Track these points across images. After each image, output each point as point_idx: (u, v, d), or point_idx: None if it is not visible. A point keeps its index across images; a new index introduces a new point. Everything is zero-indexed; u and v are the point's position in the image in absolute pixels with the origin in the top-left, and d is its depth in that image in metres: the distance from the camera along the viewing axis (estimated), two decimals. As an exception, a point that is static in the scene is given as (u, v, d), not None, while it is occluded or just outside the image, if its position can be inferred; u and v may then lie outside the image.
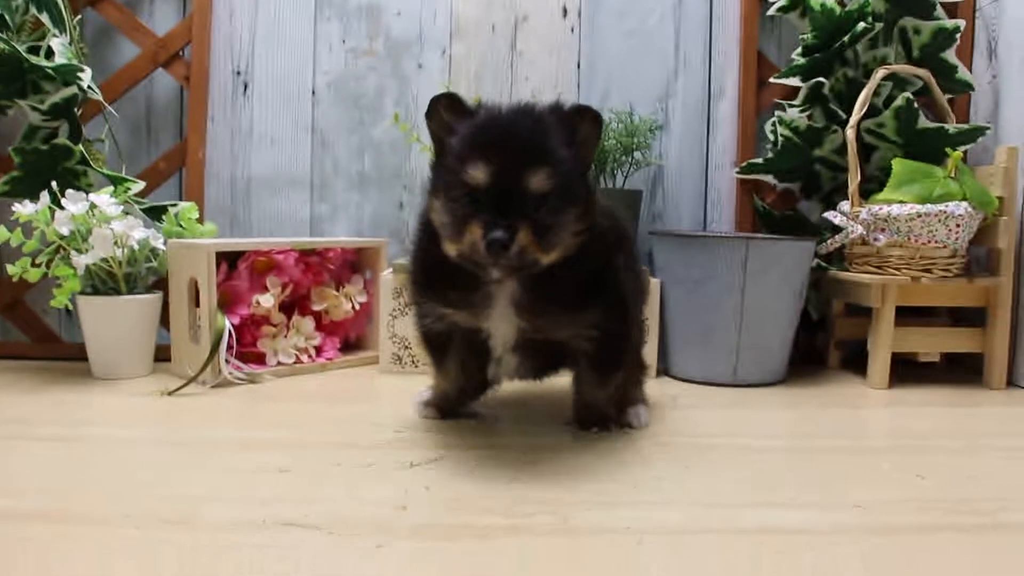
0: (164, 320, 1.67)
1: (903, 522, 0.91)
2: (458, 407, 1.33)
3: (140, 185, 1.68)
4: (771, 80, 1.88)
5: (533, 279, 1.07)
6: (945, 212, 1.59)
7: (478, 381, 1.31)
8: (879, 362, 1.64)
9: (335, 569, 0.76)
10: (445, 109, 1.07)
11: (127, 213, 1.59)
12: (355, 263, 1.85)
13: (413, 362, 1.69)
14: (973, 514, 0.94)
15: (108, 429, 1.27)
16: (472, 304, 1.13)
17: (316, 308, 1.74)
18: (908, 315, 1.69)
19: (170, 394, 1.45)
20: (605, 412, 1.26)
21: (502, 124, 1.04)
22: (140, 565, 0.76)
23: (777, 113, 1.85)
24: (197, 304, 1.58)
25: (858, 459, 1.18)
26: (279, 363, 1.66)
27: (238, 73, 1.90)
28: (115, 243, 1.53)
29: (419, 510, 0.91)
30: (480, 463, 1.09)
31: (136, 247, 1.57)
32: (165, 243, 1.63)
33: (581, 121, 1.06)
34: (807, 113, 1.81)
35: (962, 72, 1.82)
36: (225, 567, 0.76)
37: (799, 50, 1.81)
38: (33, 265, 1.57)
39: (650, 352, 1.60)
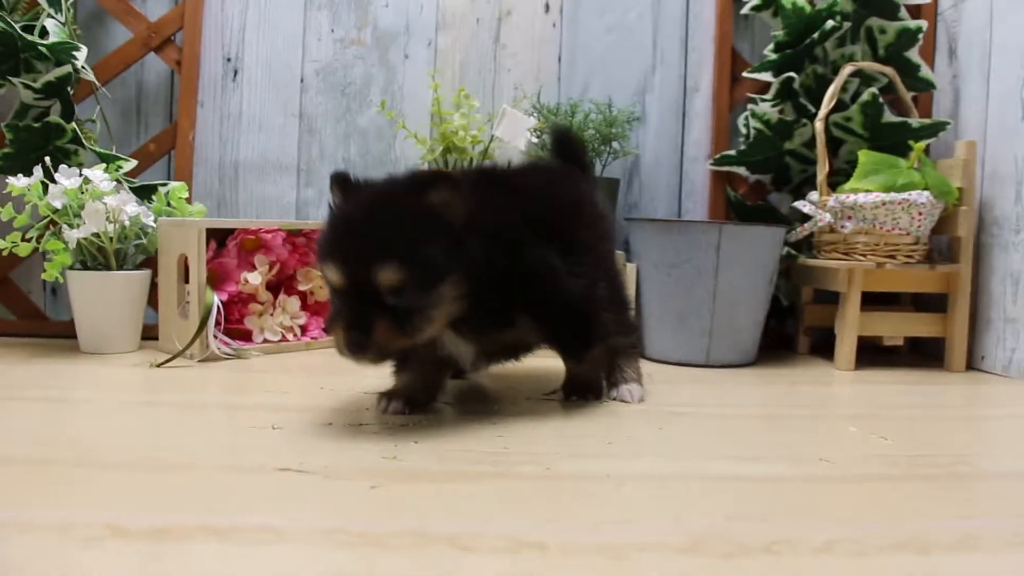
0: (151, 300, 1.71)
1: (868, 472, 0.97)
2: (429, 400, 1.26)
3: (132, 163, 1.72)
4: (744, 75, 1.95)
5: (463, 323, 1.09)
6: (908, 200, 1.66)
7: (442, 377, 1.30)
8: (846, 344, 1.71)
9: (336, 504, 0.81)
10: (335, 189, 1.09)
11: (119, 190, 1.63)
12: (340, 246, 1.89)
13: (396, 342, 1.73)
14: (932, 467, 1.00)
15: (101, 393, 1.31)
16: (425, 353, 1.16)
17: (302, 288, 1.78)
18: (873, 302, 1.77)
19: (159, 366, 1.49)
20: (589, 382, 1.30)
21: (349, 221, 1.04)
22: (151, 500, 0.81)
23: (750, 107, 1.92)
24: (186, 281, 1.62)
25: (825, 424, 1.25)
26: (265, 340, 1.71)
27: (228, 59, 1.94)
28: (107, 218, 1.57)
29: (410, 459, 0.96)
30: (466, 424, 1.14)
31: (128, 223, 1.61)
32: (155, 221, 1.67)
33: (431, 191, 1.02)
34: (778, 107, 1.88)
35: (924, 71, 1.90)
36: (234, 502, 0.80)
37: (771, 47, 1.89)
38: (23, 240, 1.61)
39: (627, 333, 1.66)
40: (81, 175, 1.57)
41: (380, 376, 1.46)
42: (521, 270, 1.10)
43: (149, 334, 1.71)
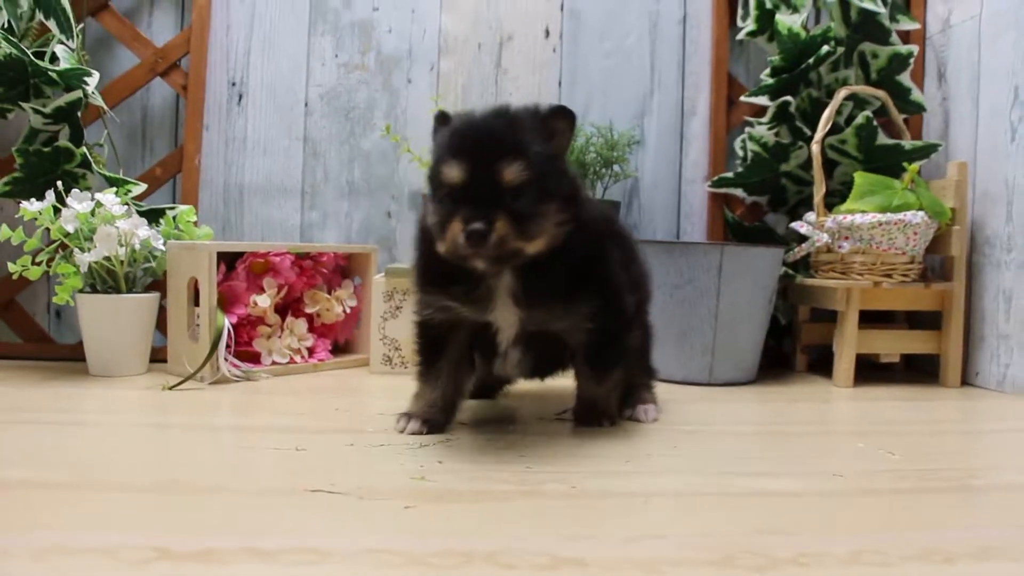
0: (159, 323, 1.72)
1: (880, 487, 1.00)
2: (446, 420, 1.25)
3: (141, 187, 1.74)
4: (741, 99, 2.00)
5: (527, 271, 1.12)
6: (903, 221, 1.71)
7: (473, 384, 1.32)
8: (844, 362, 1.75)
9: (373, 524, 0.83)
10: (437, 123, 1.15)
11: (130, 214, 1.65)
12: (345, 268, 1.92)
13: (403, 363, 1.76)
14: (941, 480, 1.03)
15: (118, 416, 1.33)
16: (475, 299, 1.16)
17: (309, 310, 1.80)
18: (868, 320, 1.80)
19: (171, 388, 1.51)
20: (603, 409, 1.30)
21: (475, 124, 1.09)
22: (193, 523, 0.82)
23: (747, 130, 1.96)
24: (196, 304, 1.64)
25: (832, 441, 1.28)
26: (274, 362, 1.73)
27: (233, 84, 1.97)
28: (119, 241, 1.59)
29: (438, 480, 0.98)
30: (487, 443, 1.17)
31: (138, 246, 1.62)
32: (163, 244, 1.69)
33: (555, 118, 1.11)
34: (774, 130, 1.93)
35: (916, 94, 1.95)
36: (272, 524, 0.82)
37: (767, 71, 1.93)
38: (33, 263, 1.62)
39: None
40: (93, 199, 1.59)
41: (392, 398, 1.49)
42: (599, 255, 1.18)
43: (156, 356, 1.72)
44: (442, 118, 1.15)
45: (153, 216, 1.77)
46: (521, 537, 0.79)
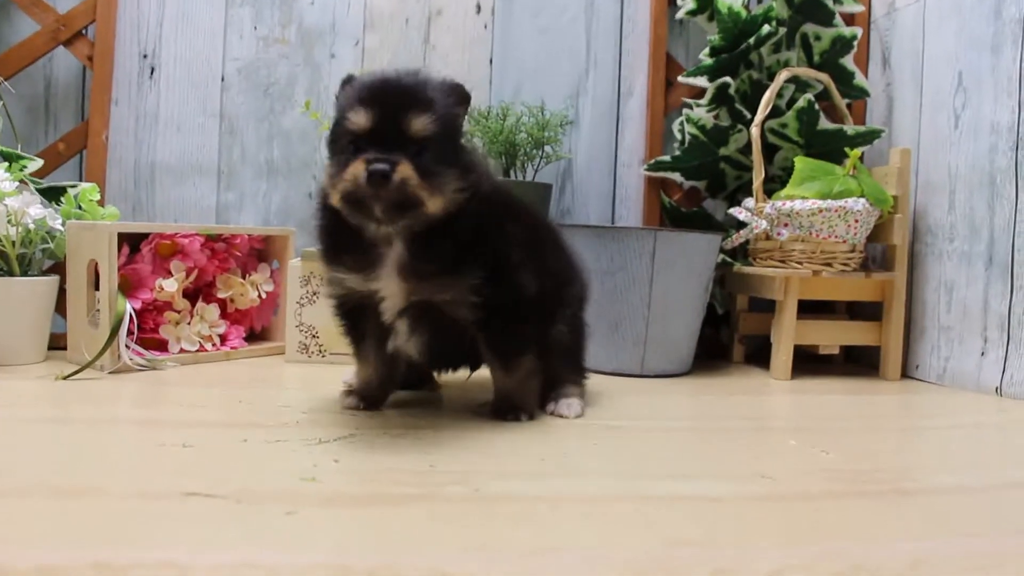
0: (59, 307, 1.61)
1: (811, 490, 0.93)
2: (382, 396, 1.28)
3: (38, 163, 1.62)
4: (679, 79, 1.92)
5: (416, 241, 1.09)
6: (844, 208, 1.65)
7: (400, 370, 1.29)
8: (782, 353, 1.69)
9: (247, 534, 0.74)
10: (344, 83, 1.13)
11: (21, 191, 1.53)
12: (262, 252, 1.81)
13: (320, 351, 1.66)
14: (876, 483, 0.97)
15: (1, 409, 1.21)
16: (362, 267, 1.14)
17: (221, 295, 1.70)
18: (808, 310, 1.75)
19: (65, 378, 1.40)
20: (519, 402, 1.23)
21: (384, 77, 1.09)
22: (44, 533, 0.72)
23: (685, 112, 1.89)
24: (97, 288, 1.52)
25: (763, 437, 1.22)
26: (182, 350, 1.62)
27: (145, 56, 1.85)
28: (9, 221, 1.47)
29: (329, 481, 0.89)
30: (391, 441, 1.08)
31: (32, 226, 1.51)
32: (63, 224, 1.57)
33: (458, 89, 1.12)
34: (713, 113, 1.86)
35: (859, 78, 1.89)
36: (135, 533, 0.73)
37: (706, 51, 1.86)
38: (-82, 245, 1.50)
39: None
40: (-20, 175, 1.47)
41: (304, 389, 1.40)
42: (494, 230, 1.14)
43: (57, 344, 1.61)
44: (349, 80, 1.13)
45: (53, 194, 1.65)
46: (409, 549, 0.71)
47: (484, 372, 1.29)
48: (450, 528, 0.76)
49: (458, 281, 1.12)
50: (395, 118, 1.03)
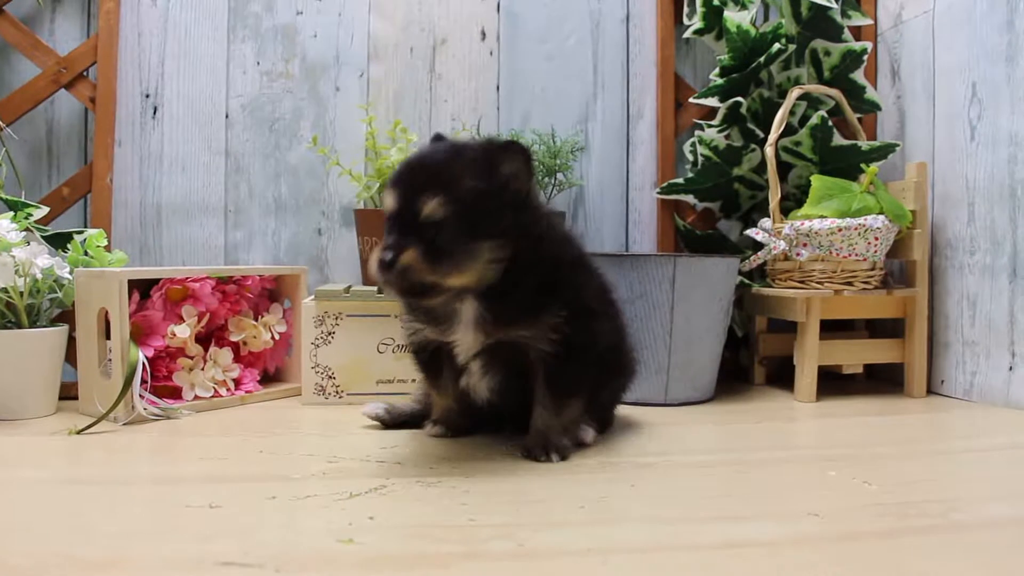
0: (69, 356, 1.57)
1: (861, 528, 0.90)
2: (464, 424, 1.34)
3: (43, 211, 1.59)
4: (690, 100, 1.90)
5: (488, 296, 1.12)
6: (864, 225, 1.62)
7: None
8: (806, 375, 1.66)
9: (287, 604, 0.71)
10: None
11: (28, 241, 1.50)
12: (273, 292, 1.78)
13: (337, 393, 1.63)
14: (926, 516, 0.94)
15: (11, 471, 1.17)
16: (438, 321, 1.19)
17: (234, 339, 1.67)
18: (828, 329, 1.72)
19: (80, 432, 1.36)
20: (555, 443, 1.20)
21: (420, 155, 1.13)
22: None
23: (697, 133, 1.87)
24: (108, 336, 1.49)
25: (801, 469, 1.18)
26: (196, 397, 1.58)
27: (147, 95, 1.82)
28: (16, 272, 1.44)
29: (367, 541, 0.86)
30: (423, 491, 1.04)
31: (39, 276, 1.48)
32: (71, 272, 1.54)
33: (504, 154, 1.10)
34: (725, 133, 1.84)
35: (870, 92, 1.87)
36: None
37: (716, 71, 1.84)
38: (-76, 299, 1.47)
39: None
40: (-14, 226, 1.44)
41: (324, 435, 1.37)
42: (570, 276, 1.18)
43: (67, 393, 1.57)
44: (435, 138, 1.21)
45: (59, 241, 1.62)
46: (461, 618, 0.68)
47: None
48: (501, 592, 0.73)
49: (538, 321, 1.15)
50: (411, 202, 1.06)
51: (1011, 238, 1.58)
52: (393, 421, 1.42)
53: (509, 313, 1.14)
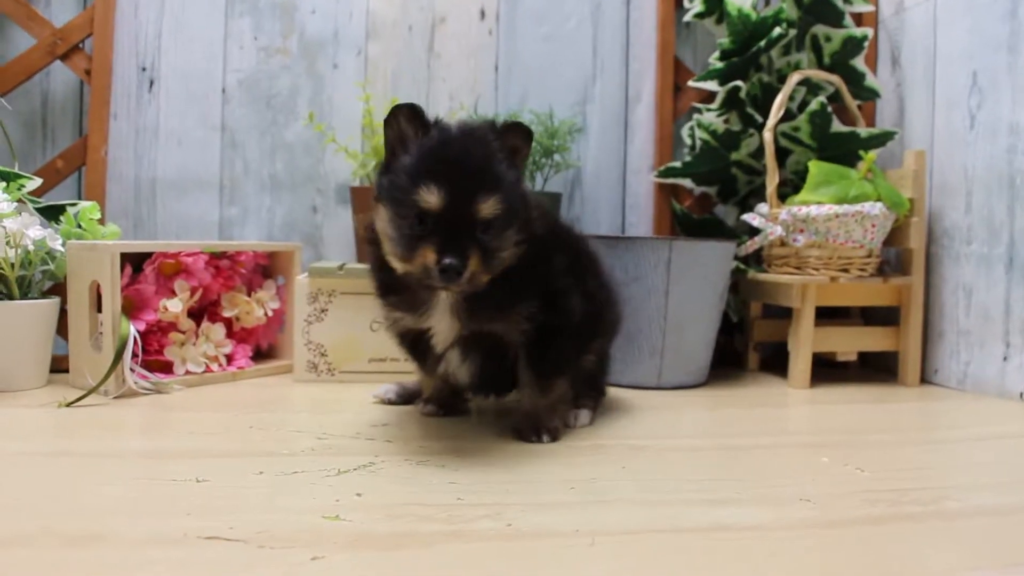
0: (61, 328, 1.57)
1: (852, 515, 0.90)
2: (456, 403, 1.36)
3: (36, 182, 1.58)
4: (689, 83, 1.89)
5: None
6: (861, 212, 1.61)
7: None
8: (800, 362, 1.66)
9: (271, 580, 0.70)
10: (406, 120, 1.09)
11: (20, 212, 1.49)
12: (267, 268, 1.77)
13: (329, 370, 1.62)
14: (917, 503, 0.94)
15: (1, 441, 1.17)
16: (415, 307, 1.16)
17: (227, 314, 1.66)
18: (823, 316, 1.71)
19: (69, 405, 1.36)
20: (545, 423, 1.20)
21: (455, 148, 1.06)
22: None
23: (695, 117, 1.86)
24: (99, 310, 1.48)
25: (793, 454, 1.18)
26: (187, 372, 1.58)
27: (143, 69, 1.81)
28: (8, 243, 1.43)
29: (353, 519, 0.85)
30: (413, 469, 1.04)
31: (31, 248, 1.47)
32: (63, 245, 1.53)
33: (516, 137, 1.11)
34: (724, 117, 1.83)
35: (870, 79, 1.86)
36: (150, 581, 0.69)
37: (716, 55, 1.83)
38: (-85, 269, 1.46)
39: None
40: (-23, 197, 1.43)
41: (315, 412, 1.37)
42: (543, 264, 1.16)
43: (59, 366, 1.57)
44: (411, 115, 1.09)
45: (52, 213, 1.60)
46: (445, 596, 0.67)
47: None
48: (486, 570, 0.73)
49: (512, 312, 1.14)
50: (463, 201, 1.02)
51: (1008, 228, 1.57)
52: (405, 402, 1.43)
53: (486, 305, 1.12)
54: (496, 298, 1.12)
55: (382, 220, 1.08)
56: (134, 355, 1.46)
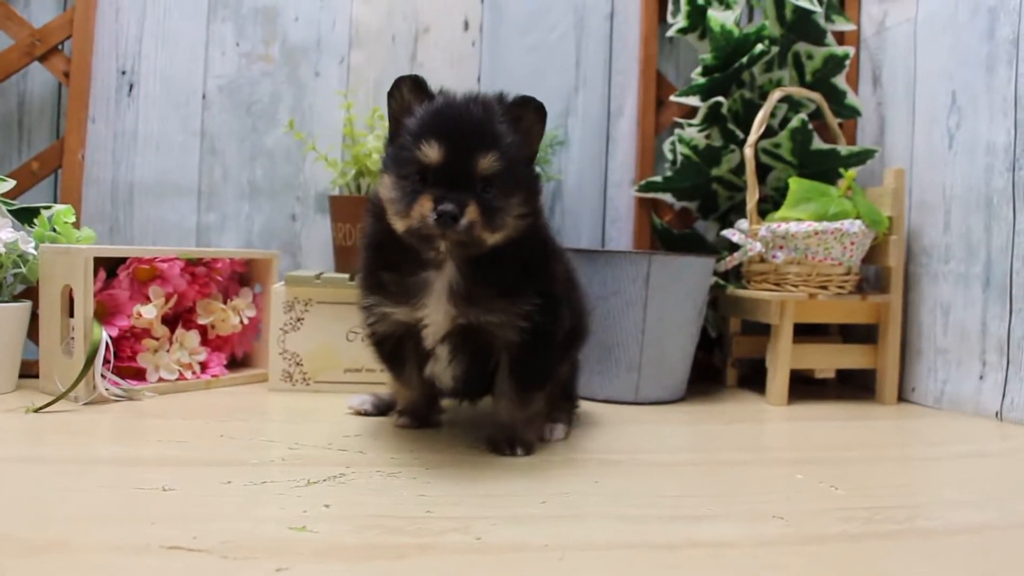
0: (32, 333, 1.55)
1: (826, 532, 0.90)
2: (430, 415, 1.35)
3: (9, 184, 1.56)
4: (671, 98, 1.89)
5: (470, 264, 1.10)
6: (840, 230, 1.62)
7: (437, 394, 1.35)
8: (778, 379, 1.65)
9: (233, 592, 0.69)
10: (409, 90, 1.12)
11: (-6, 215, 1.47)
12: (244, 276, 1.76)
13: (304, 380, 1.61)
14: (891, 522, 0.93)
15: (-32, 447, 1.15)
16: (408, 295, 1.14)
17: (202, 322, 1.64)
18: (801, 333, 1.71)
19: (37, 411, 1.34)
20: (520, 436, 1.19)
21: (456, 109, 1.08)
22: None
23: (676, 132, 1.86)
24: (71, 315, 1.46)
25: (768, 471, 1.17)
26: (160, 379, 1.56)
27: (123, 72, 1.80)
28: (-20, 246, 1.41)
29: (320, 530, 0.84)
30: (383, 481, 1.03)
31: (3, 250, 1.45)
32: (36, 248, 1.51)
33: (525, 111, 1.12)
34: (705, 132, 1.83)
35: (851, 97, 1.87)
36: (109, 591, 0.68)
37: (698, 70, 1.83)
38: None
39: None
40: (-50, 198, 1.41)
41: (288, 421, 1.35)
42: (545, 261, 1.18)
43: (28, 371, 1.55)
44: (414, 85, 1.12)
45: (26, 216, 1.58)
46: (409, 610, 0.66)
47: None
48: (454, 584, 0.72)
49: (511, 306, 1.13)
50: (463, 155, 1.04)
51: (986, 247, 1.58)
52: (380, 413, 1.42)
53: (488, 286, 1.12)
54: (499, 281, 1.12)
55: (385, 188, 1.09)
56: (106, 361, 1.44)
